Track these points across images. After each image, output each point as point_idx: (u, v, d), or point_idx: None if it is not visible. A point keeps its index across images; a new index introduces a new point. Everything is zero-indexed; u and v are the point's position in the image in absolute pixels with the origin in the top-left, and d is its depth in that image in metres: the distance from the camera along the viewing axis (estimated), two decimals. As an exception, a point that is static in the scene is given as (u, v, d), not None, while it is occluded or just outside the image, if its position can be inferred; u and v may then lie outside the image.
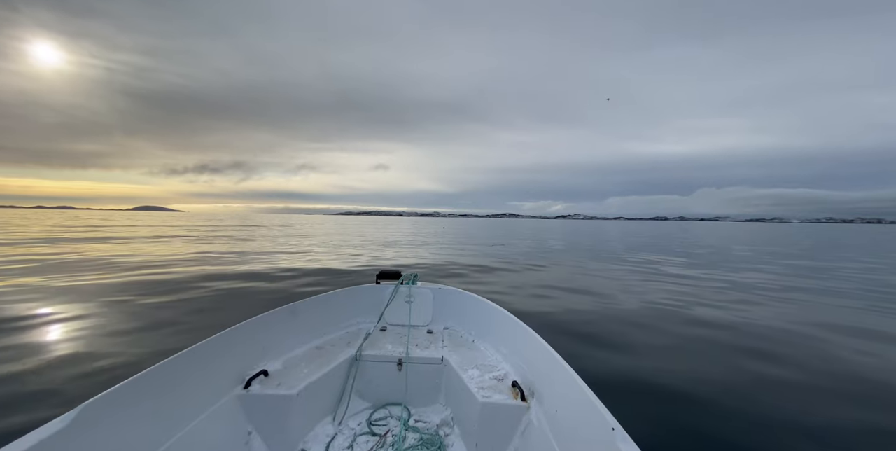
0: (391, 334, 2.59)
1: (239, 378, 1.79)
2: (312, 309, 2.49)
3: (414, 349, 2.32)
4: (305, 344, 2.32)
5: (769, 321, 4.67)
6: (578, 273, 8.66)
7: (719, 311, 5.17)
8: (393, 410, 2.09)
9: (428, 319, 2.84)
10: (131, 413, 1.24)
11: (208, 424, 1.52)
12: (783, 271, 9.51)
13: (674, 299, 5.88)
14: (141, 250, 11.75)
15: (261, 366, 1.92)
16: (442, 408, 2.10)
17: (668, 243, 20.48)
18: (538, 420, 1.54)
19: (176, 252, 11.09)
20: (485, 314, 2.58)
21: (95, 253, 10.48)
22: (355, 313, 2.81)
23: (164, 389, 1.39)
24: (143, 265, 8.34)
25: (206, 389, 1.60)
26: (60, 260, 8.89)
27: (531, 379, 1.81)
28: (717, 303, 5.66)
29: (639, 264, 10.65)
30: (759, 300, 5.93)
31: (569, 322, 4.45)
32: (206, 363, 1.63)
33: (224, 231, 24.14)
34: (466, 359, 2.18)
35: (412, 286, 2.92)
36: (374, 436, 1.83)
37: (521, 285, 6.98)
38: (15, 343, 3.39)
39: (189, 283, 6.38)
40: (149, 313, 4.49)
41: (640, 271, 9.21)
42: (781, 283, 7.69)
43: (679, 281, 7.66)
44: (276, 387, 1.79)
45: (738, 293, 6.47)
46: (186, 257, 9.84)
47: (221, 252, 11.35)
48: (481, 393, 1.76)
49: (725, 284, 7.43)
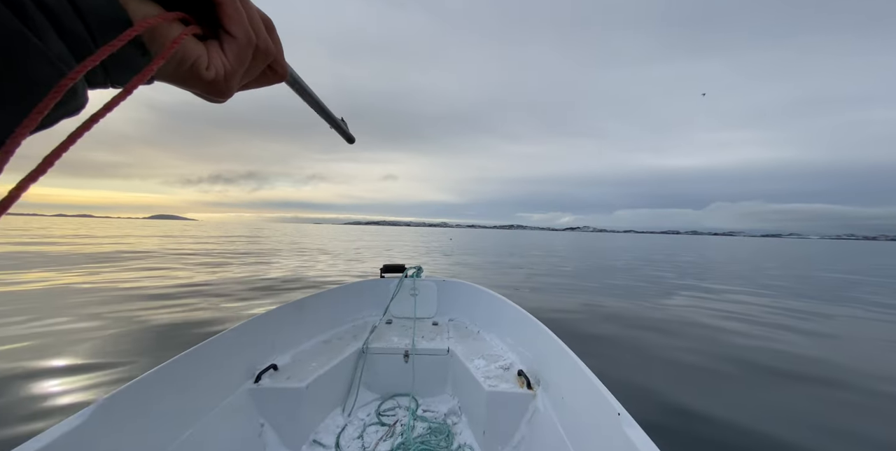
0: (397, 327, 2.62)
1: (249, 373, 1.82)
2: (319, 304, 2.52)
3: (420, 341, 2.34)
4: (313, 338, 2.36)
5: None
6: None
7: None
8: (401, 400, 2.12)
9: (433, 311, 2.86)
10: (147, 409, 1.27)
11: (222, 417, 1.55)
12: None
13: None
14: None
15: (270, 360, 1.95)
16: (449, 398, 2.14)
17: (737, 264, 16.79)
18: (544, 407, 1.57)
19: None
20: (489, 305, 2.60)
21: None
22: (361, 307, 2.84)
23: (178, 384, 1.42)
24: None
25: (218, 383, 1.63)
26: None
27: (536, 368, 1.84)
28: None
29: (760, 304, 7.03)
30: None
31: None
32: (217, 359, 1.65)
33: (238, 244, 22.76)
34: (472, 349, 2.20)
35: (416, 279, 2.94)
36: (384, 426, 1.87)
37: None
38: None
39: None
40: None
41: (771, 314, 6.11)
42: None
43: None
44: (286, 380, 1.82)
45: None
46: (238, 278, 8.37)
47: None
48: (488, 382, 1.79)
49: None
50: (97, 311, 5.00)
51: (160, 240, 24.08)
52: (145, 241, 22.41)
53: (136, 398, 1.23)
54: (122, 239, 24.02)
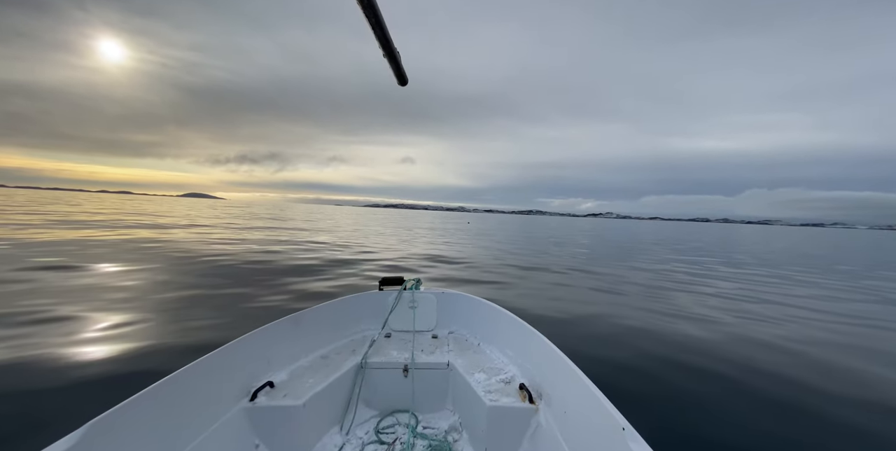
0: (396, 341, 2.58)
1: (244, 391, 1.78)
2: (316, 318, 2.48)
3: (419, 355, 2.30)
4: (310, 354, 2.31)
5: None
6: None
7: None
8: (400, 417, 2.07)
9: (432, 324, 2.82)
10: (137, 430, 1.23)
11: (215, 438, 1.50)
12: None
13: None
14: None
15: (266, 378, 1.91)
16: (450, 413, 2.09)
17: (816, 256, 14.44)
18: (547, 422, 1.53)
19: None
20: (489, 317, 2.56)
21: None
22: (359, 321, 2.80)
23: (170, 404, 1.38)
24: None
25: (212, 402, 1.59)
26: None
27: (539, 381, 1.80)
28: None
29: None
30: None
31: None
32: (211, 377, 1.62)
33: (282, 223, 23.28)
34: (472, 363, 2.16)
35: (415, 291, 2.91)
36: (383, 444, 1.82)
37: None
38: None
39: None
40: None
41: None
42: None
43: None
44: (283, 398, 1.77)
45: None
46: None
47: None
48: (489, 397, 1.74)
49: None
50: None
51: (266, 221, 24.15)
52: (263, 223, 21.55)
53: (126, 420, 1.20)
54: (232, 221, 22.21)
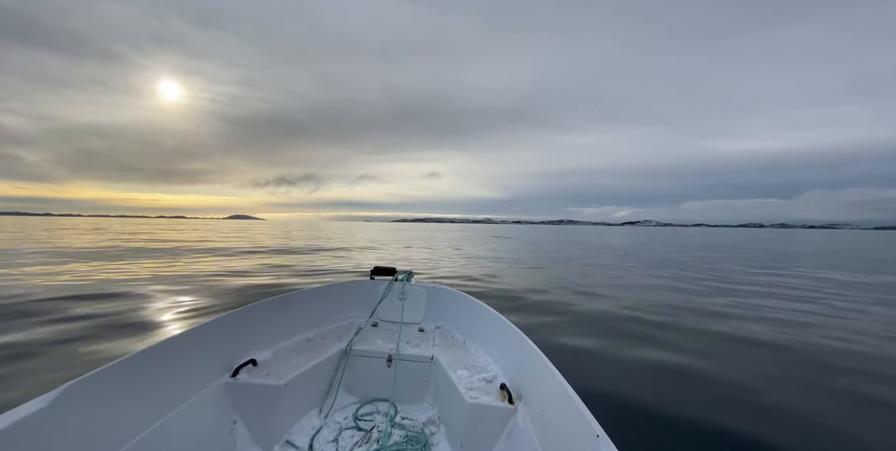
0: (382, 331, 2.59)
1: (227, 366, 1.79)
2: (304, 301, 2.48)
3: (404, 347, 2.31)
4: (296, 336, 2.32)
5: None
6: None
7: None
8: (380, 406, 2.09)
9: (420, 317, 2.83)
10: (115, 396, 1.24)
11: (193, 410, 1.51)
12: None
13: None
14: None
15: (249, 355, 1.91)
16: (429, 407, 2.10)
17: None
18: (524, 424, 1.55)
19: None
20: (477, 316, 2.57)
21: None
22: (347, 308, 2.80)
23: (149, 373, 1.39)
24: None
25: (192, 375, 1.59)
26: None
27: (519, 382, 1.82)
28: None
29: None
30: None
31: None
32: (193, 350, 1.62)
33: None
34: (456, 359, 2.18)
35: (406, 284, 2.92)
36: (360, 431, 1.83)
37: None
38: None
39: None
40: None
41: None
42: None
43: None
44: (264, 377, 1.78)
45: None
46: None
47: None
48: (469, 394, 1.76)
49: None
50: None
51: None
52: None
53: (104, 385, 1.20)
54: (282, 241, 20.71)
